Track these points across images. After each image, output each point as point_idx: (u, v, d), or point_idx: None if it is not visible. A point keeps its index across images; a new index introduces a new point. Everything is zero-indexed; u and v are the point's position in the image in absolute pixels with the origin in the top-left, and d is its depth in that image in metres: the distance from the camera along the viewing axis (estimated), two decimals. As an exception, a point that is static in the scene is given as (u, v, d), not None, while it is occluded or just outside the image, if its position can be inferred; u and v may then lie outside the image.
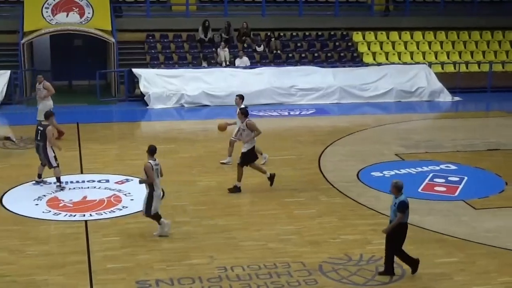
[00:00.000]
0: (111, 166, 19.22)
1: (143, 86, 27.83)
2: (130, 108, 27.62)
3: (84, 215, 15.55)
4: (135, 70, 28.41)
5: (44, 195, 16.72)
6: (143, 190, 17.00)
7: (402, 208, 12.25)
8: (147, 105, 27.35)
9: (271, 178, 17.45)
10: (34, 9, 29.20)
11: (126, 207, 16.11)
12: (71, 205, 16.16)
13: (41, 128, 17.36)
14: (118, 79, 29.04)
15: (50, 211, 15.80)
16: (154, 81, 27.98)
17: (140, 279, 12.46)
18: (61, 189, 17.16)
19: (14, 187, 17.35)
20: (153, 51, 30.73)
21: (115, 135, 23.36)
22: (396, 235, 12.39)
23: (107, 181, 17.86)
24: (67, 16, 29.45)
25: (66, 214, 15.62)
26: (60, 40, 31.17)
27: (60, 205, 16.19)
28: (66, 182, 17.60)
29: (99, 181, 17.85)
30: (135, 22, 31.30)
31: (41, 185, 17.46)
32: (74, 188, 17.38)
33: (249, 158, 17.32)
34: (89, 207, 16.09)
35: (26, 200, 16.38)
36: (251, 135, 17.27)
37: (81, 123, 24.03)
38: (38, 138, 17.38)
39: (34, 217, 15.49)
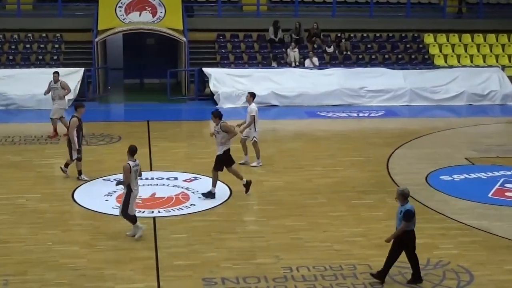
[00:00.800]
0: (180, 164, 19.42)
1: (212, 85, 28.03)
2: (200, 107, 27.85)
3: (152, 212, 15.76)
4: (205, 69, 28.64)
5: (114, 191, 16.98)
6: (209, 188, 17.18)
7: (408, 217, 11.99)
8: (217, 104, 27.54)
9: (247, 185, 16.92)
10: (108, 8, 29.71)
11: (194, 205, 16.25)
12: (140, 202, 16.35)
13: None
14: (188, 78, 29.33)
15: (119, 207, 16.03)
16: (223, 80, 28.15)
17: (206, 276, 12.56)
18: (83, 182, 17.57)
19: (85, 183, 17.69)
20: (223, 50, 30.94)
21: (184, 133, 23.59)
22: (404, 243, 12.13)
23: (176, 178, 18.06)
24: (140, 15, 29.87)
25: (136, 210, 15.82)
26: (133, 39, 31.66)
27: (129, 201, 16.42)
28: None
29: (167, 179, 18.06)
30: (206, 22, 31.55)
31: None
32: (143, 185, 17.59)
33: (225, 161, 16.83)
34: (157, 204, 16.30)
35: (96, 196, 16.68)
36: (226, 137, 16.80)
37: (151, 121, 24.34)
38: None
39: (104, 212, 15.77)
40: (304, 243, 14.09)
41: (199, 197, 16.66)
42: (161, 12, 29.93)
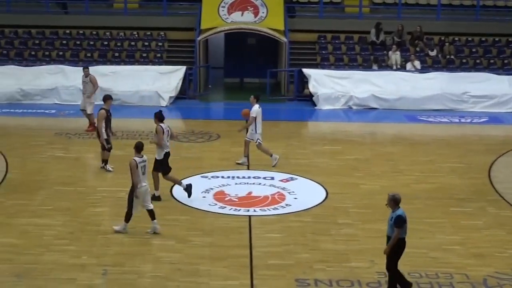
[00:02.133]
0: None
1: (312, 86, 27.98)
2: (298, 108, 27.87)
3: (248, 210, 15.87)
4: (305, 70, 28.62)
5: (212, 188, 17.20)
6: (307, 189, 17.18)
7: (399, 223, 11.62)
8: (315, 105, 27.49)
9: (187, 189, 16.47)
10: (211, 8, 30.09)
11: (290, 205, 16.27)
12: (237, 200, 16.52)
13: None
14: (288, 78, 29.38)
15: (216, 204, 16.24)
16: (323, 81, 28.07)
17: (299, 277, 12.56)
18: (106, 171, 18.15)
19: (183, 179, 17.95)
20: (323, 51, 30.85)
21: (282, 133, 23.64)
22: (393, 251, 11.77)
23: (272, 178, 18.12)
24: (242, 15, 30.12)
25: (231, 208, 16.00)
26: (234, 38, 31.95)
27: (226, 199, 16.60)
28: (233, 177, 18.05)
29: (264, 178, 18.14)
30: (308, 23, 31.52)
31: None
32: (240, 183, 17.77)
33: (162, 166, 16.37)
34: (253, 202, 16.40)
35: (194, 192, 16.86)
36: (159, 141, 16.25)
37: (250, 120, 24.47)
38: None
39: (201, 208, 15.99)
40: (400, 248, 13.90)
41: (295, 198, 16.67)
42: (263, 12, 30.10)
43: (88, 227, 14.80)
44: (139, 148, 14.35)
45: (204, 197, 16.71)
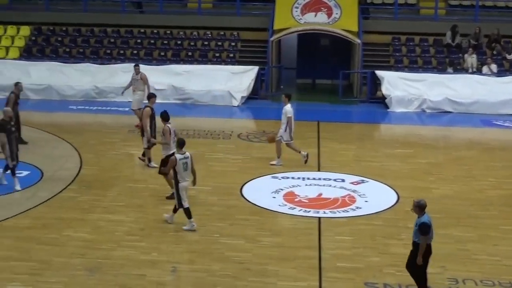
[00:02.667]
0: (347, 166, 19.32)
1: (385, 89, 27.72)
2: (371, 110, 27.63)
3: (318, 212, 15.78)
4: (378, 72, 28.36)
5: (282, 189, 17.18)
6: (378, 192, 17.01)
7: (424, 229, 11.26)
8: (388, 107, 27.21)
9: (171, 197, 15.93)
10: (285, 8, 30.08)
11: (360, 208, 16.12)
12: (306, 201, 16.46)
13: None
14: (360, 80, 29.17)
15: (286, 205, 16.21)
16: (396, 84, 27.76)
17: (368, 281, 12.42)
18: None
19: (254, 179, 17.99)
20: (397, 54, 30.50)
21: (354, 135, 23.49)
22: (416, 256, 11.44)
23: (343, 180, 17.99)
24: (315, 15, 30.02)
25: (301, 210, 15.95)
26: (307, 39, 31.89)
27: (296, 200, 16.55)
28: (303, 178, 17.98)
29: (335, 180, 18.02)
30: (382, 24, 31.21)
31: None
32: (310, 184, 17.70)
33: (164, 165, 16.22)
34: (323, 204, 16.31)
35: (264, 192, 16.91)
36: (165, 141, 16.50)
37: (321, 122, 24.39)
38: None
39: (270, 209, 15.97)
40: (472, 255, 13.62)
41: (366, 201, 16.52)
42: (336, 14, 29.94)
43: (159, 224, 14.94)
44: (181, 144, 14.50)
45: (274, 197, 16.69)
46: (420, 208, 11.52)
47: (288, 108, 19.05)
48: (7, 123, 16.85)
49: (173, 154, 15.66)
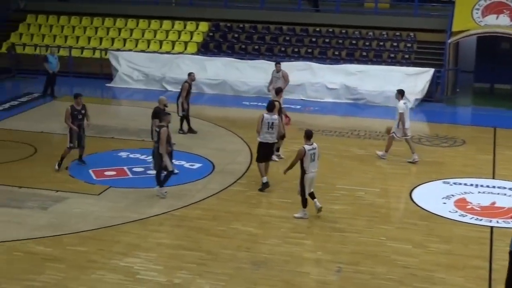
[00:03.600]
0: (525, 175, 18.45)
1: None
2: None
3: (490, 221, 15.15)
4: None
5: (453, 195, 16.65)
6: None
7: None
8: None
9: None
10: (465, 9, 29.13)
11: (537, 219, 15.32)
12: (479, 209, 15.85)
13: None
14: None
15: (456, 212, 15.69)
16: None
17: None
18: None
19: (424, 183, 17.55)
20: None
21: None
22: None
23: (519, 190, 17.20)
24: (496, 18, 28.87)
25: (473, 217, 15.38)
26: (487, 42, 30.69)
27: (468, 207, 15.99)
28: (476, 185, 17.34)
29: (510, 189, 17.24)
30: None
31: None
32: (483, 192, 17.03)
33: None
34: (497, 213, 15.64)
35: (434, 197, 16.47)
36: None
37: (498, 128, 23.37)
38: None
39: (440, 215, 15.52)
40: None
41: None
42: (519, 16, 28.66)
43: (325, 223, 14.90)
44: (309, 136, 14.83)
45: (444, 203, 16.21)
46: None
47: (401, 104, 18.99)
48: (161, 110, 17.63)
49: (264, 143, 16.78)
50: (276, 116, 17.21)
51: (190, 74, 21.68)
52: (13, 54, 30.33)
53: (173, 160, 17.70)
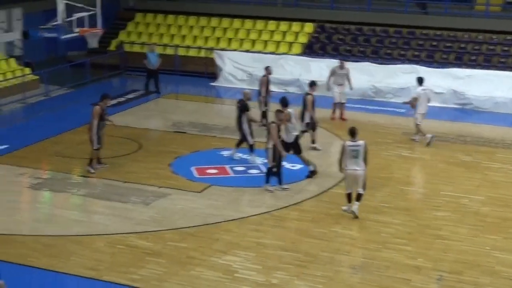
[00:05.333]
0: None
1: None
2: None
3: None
4: None
5: None
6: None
7: None
8: None
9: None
10: None
11: None
12: None
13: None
14: None
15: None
16: None
17: None
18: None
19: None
20: None
21: None
22: None
23: None
24: None
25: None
26: None
27: None
28: None
29: None
30: None
31: None
32: None
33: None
34: None
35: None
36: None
37: None
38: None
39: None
40: None
41: None
42: None
43: (427, 230, 14.57)
44: (351, 132, 14.99)
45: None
46: None
47: (417, 90, 21.02)
48: (246, 104, 18.48)
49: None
50: (290, 111, 17.57)
51: (267, 68, 22.46)
52: (122, 52, 31.03)
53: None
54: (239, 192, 16.65)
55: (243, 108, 18.52)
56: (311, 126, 19.78)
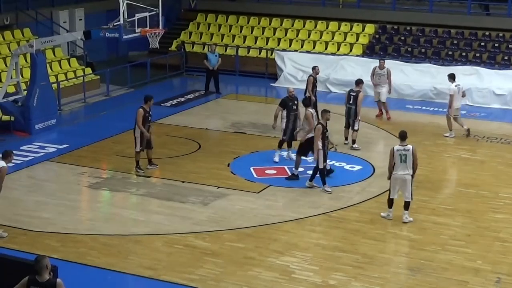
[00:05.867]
0: None
1: None
2: None
3: None
4: None
5: None
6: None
7: None
8: None
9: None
10: None
11: None
12: None
13: (353, 94, 19.94)
14: None
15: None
16: None
17: None
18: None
19: None
20: None
21: None
22: None
23: None
24: None
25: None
26: None
27: None
28: None
29: None
30: None
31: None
32: None
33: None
34: None
35: None
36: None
37: None
38: (350, 102, 19.93)
39: None
40: None
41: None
42: None
43: (487, 232, 14.44)
44: (401, 136, 14.89)
45: None
46: None
47: (451, 87, 21.39)
48: (289, 101, 18.65)
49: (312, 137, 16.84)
50: (311, 111, 17.72)
51: (314, 68, 22.69)
52: (183, 52, 31.36)
53: (333, 161, 17.76)
54: (297, 192, 16.71)
55: (280, 104, 18.86)
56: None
